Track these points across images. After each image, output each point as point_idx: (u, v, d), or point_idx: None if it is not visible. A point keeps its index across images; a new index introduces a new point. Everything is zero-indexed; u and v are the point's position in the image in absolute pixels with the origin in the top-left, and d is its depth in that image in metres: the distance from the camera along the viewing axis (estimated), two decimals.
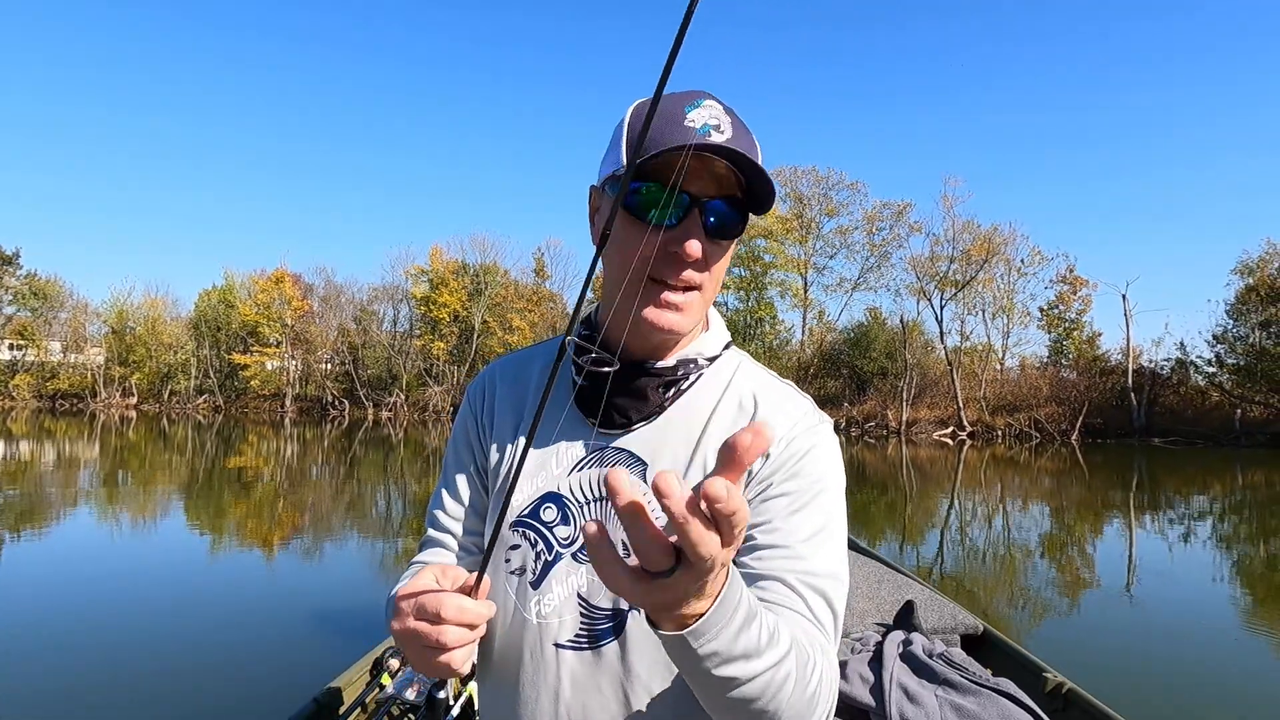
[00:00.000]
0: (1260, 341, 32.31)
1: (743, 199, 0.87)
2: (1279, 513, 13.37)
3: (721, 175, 0.84)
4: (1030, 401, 34.25)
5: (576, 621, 0.91)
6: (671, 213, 0.83)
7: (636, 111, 0.89)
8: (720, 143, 0.81)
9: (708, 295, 0.91)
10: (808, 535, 0.86)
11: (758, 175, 0.83)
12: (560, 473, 0.96)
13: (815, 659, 0.76)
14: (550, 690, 0.91)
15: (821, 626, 0.82)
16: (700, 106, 0.85)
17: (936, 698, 2.50)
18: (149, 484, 13.98)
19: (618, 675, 0.89)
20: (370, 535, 9.83)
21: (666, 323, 0.87)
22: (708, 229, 0.85)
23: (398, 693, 2.69)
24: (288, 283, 47.15)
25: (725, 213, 0.86)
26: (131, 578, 7.07)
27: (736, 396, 0.97)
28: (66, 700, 4.32)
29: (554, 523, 0.94)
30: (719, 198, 0.85)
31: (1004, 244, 37.49)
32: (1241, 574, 8.62)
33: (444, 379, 44.33)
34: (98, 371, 48.08)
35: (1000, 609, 6.76)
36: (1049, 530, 11.40)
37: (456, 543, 1.03)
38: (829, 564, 0.86)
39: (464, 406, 1.09)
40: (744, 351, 1.05)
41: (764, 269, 42.25)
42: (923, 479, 18.33)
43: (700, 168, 0.82)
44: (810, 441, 0.92)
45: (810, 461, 0.90)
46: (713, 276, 0.90)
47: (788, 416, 0.94)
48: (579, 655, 0.91)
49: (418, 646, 0.76)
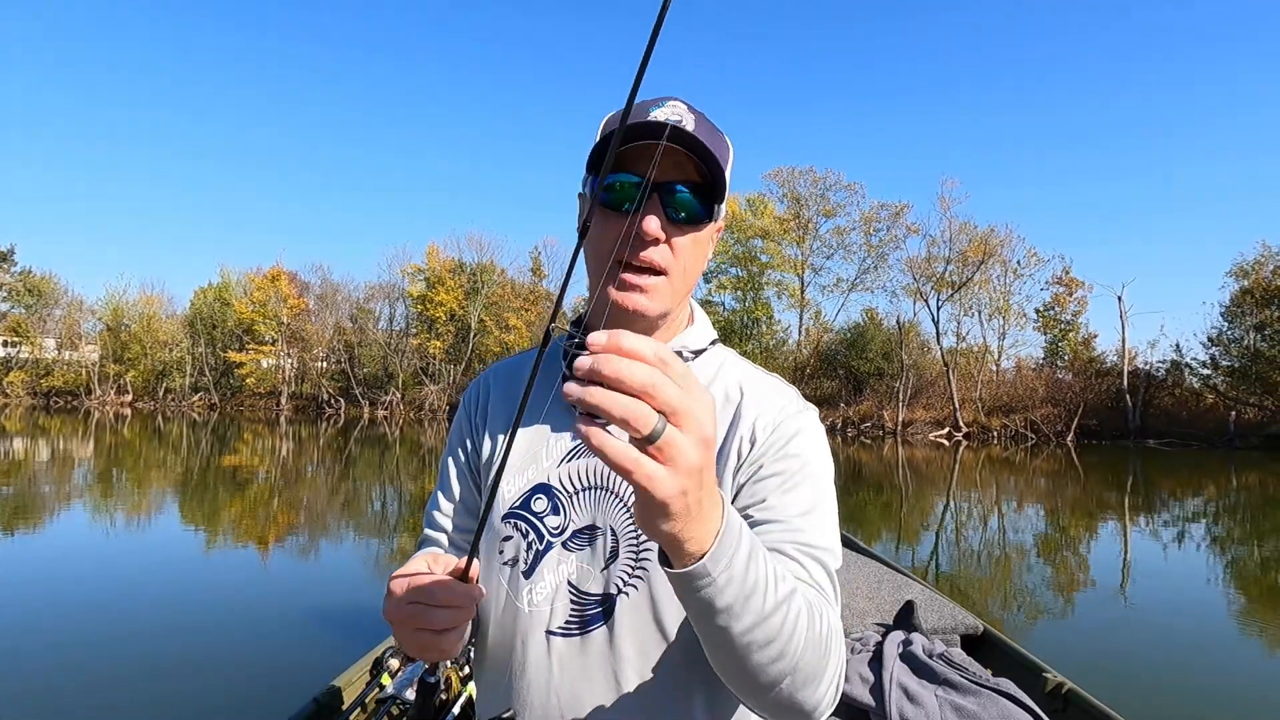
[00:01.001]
0: (1254, 344, 32.44)
1: (704, 185, 0.90)
2: (1272, 514, 13.43)
3: (682, 163, 0.88)
4: (1026, 403, 34.34)
5: (567, 609, 0.93)
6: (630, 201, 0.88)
7: (607, 120, 0.95)
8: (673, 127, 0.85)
9: (676, 282, 0.92)
10: (802, 511, 0.88)
11: (705, 155, 0.86)
12: (550, 465, 0.98)
13: (824, 611, 0.77)
14: (542, 677, 0.92)
15: (823, 591, 0.83)
16: (664, 105, 0.90)
17: (936, 698, 2.51)
18: (146, 482, 13.94)
19: (607, 659, 0.91)
20: (370, 534, 9.82)
21: (631, 303, 0.90)
22: (668, 212, 0.88)
23: (398, 693, 2.70)
24: (284, 281, 47.08)
25: (686, 196, 0.89)
26: (130, 577, 7.05)
27: (723, 388, 0.99)
28: (66, 700, 4.30)
29: (544, 513, 0.96)
30: (679, 182, 0.88)
31: (1000, 245, 37.57)
32: (1235, 575, 8.65)
33: (440, 378, 44.29)
34: (92, 369, 47.95)
35: (995, 610, 6.77)
36: (1044, 531, 11.43)
37: (452, 541, 1.05)
38: (824, 538, 0.87)
39: (459, 410, 1.12)
40: (731, 349, 1.07)
41: (761, 269, 42.28)
42: (919, 480, 18.35)
43: (663, 158, 0.86)
44: (796, 425, 0.94)
45: (797, 445, 0.93)
46: (680, 262, 0.91)
47: (774, 404, 0.97)
48: (569, 641, 0.92)
49: (409, 629, 0.78)
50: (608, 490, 0.95)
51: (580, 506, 0.95)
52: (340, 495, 13.44)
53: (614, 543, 0.93)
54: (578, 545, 0.94)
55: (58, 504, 11.05)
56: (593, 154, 0.91)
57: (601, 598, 0.92)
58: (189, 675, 4.68)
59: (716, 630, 0.68)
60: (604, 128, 0.94)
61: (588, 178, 0.94)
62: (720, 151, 0.89)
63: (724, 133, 0.94)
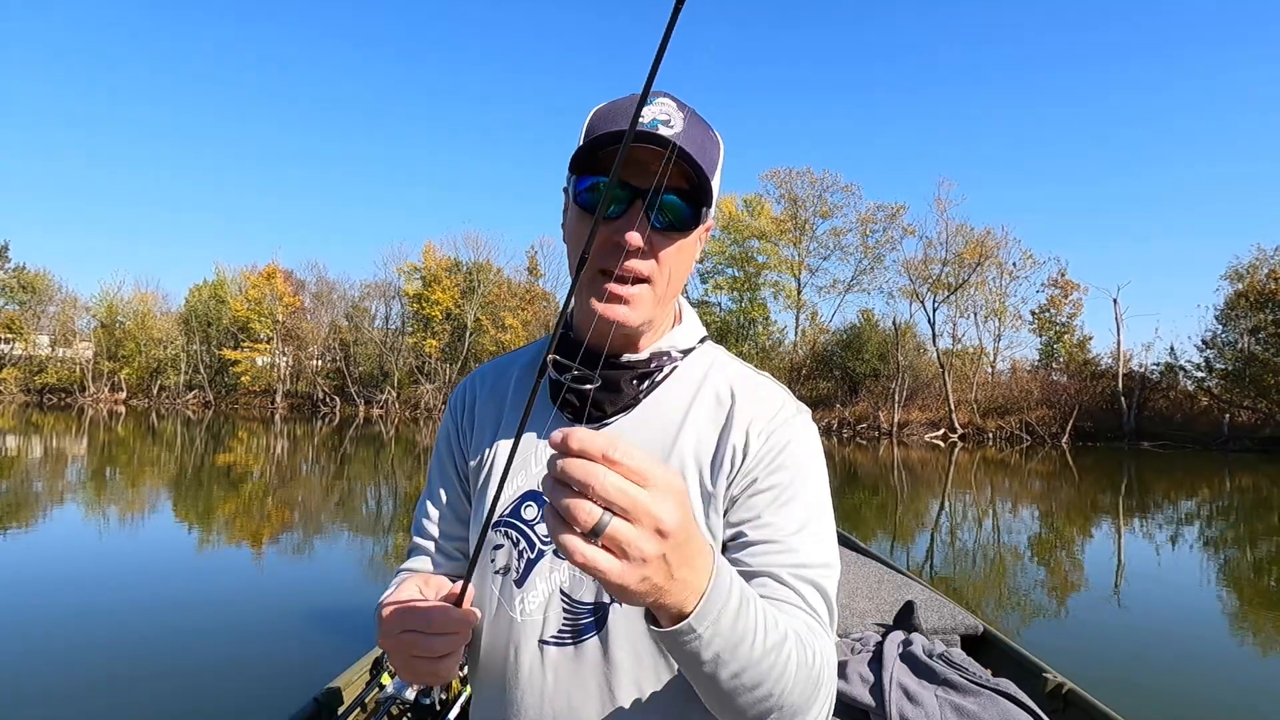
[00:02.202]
0: (1249, 347, 32.51)
1: (691, 191, 0.87)
2: (1266, 517, 13.49)
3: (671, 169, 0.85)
4: (1021, 404, 34.42)
5: (560, 617, 0.92)
6: (614, 206, 0.85)
7: (593, 116, 0.91)
8: (666, 135, 0.82)
9: (661, 289, 0.90)
10: (797, 528, 0.87)
11: (691, 163, 0.83)
12: (539, 471, 0.96)
13: (815, 645, 0.77)
14: (535, 687, 0.92)
15: (818, 616, 0.83)
16: (653, 104, 0.86)
17: (936, 698, 2.51)
18: (143, 481, 13.88)
19: (601, 669, 0.90)
20: (369, 534, 9.81)
21: (613, 315, 0.88)
22: (653, 219, 0.86)
23: (397, 693, 2.69)
24: (279, 278, 46.97)
25: (670, 203, 0.86)
26: (128, 577, 7.01)
27: (713, 388, 0.98)
28: (66, 700, 4.29)
29: (535, 521, 0.95)
30: (668, 190, 0.86)
31: (996, 247, 37.66)
32: (1231, 577, 8.68)
33: (436, 377, 44.21)
34: (86, 366, 47.72)
35: (989, 610, 6.79)
36: (1039, 532, 11.45)
37: (440, 549, 1.05)
38: (820, 554, 0.87)
39: (446, 415, 1.12)
40: (721, 347, 1.06)
41: (757, 270, 42.31)
42: (914, 481, 18.38)
43: (646, 160, 0.83)
44: (788, 434, 0.93)
45: (791, 453, 0.92)
46: (664, 268, 0.89)
47: (767, 409, 0.95)
48: (562, 651, 0.92)
49: (405, 657, 0.78)
50: None
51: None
52: (339, 495, 13.41)
53: None
54: None
55: (52, 502, 11.01)
56: (576, 153, 0.89)
57: (594, 606, 0.91)
58: (189, 675, 4.66)
59: (703, 677, 0.68)
60: (589, 121, 0.91)
61: (571, 177, 0.92)
62: (709, 154, 0.87)
63: (714, 128, 0.92)
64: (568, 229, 0.96)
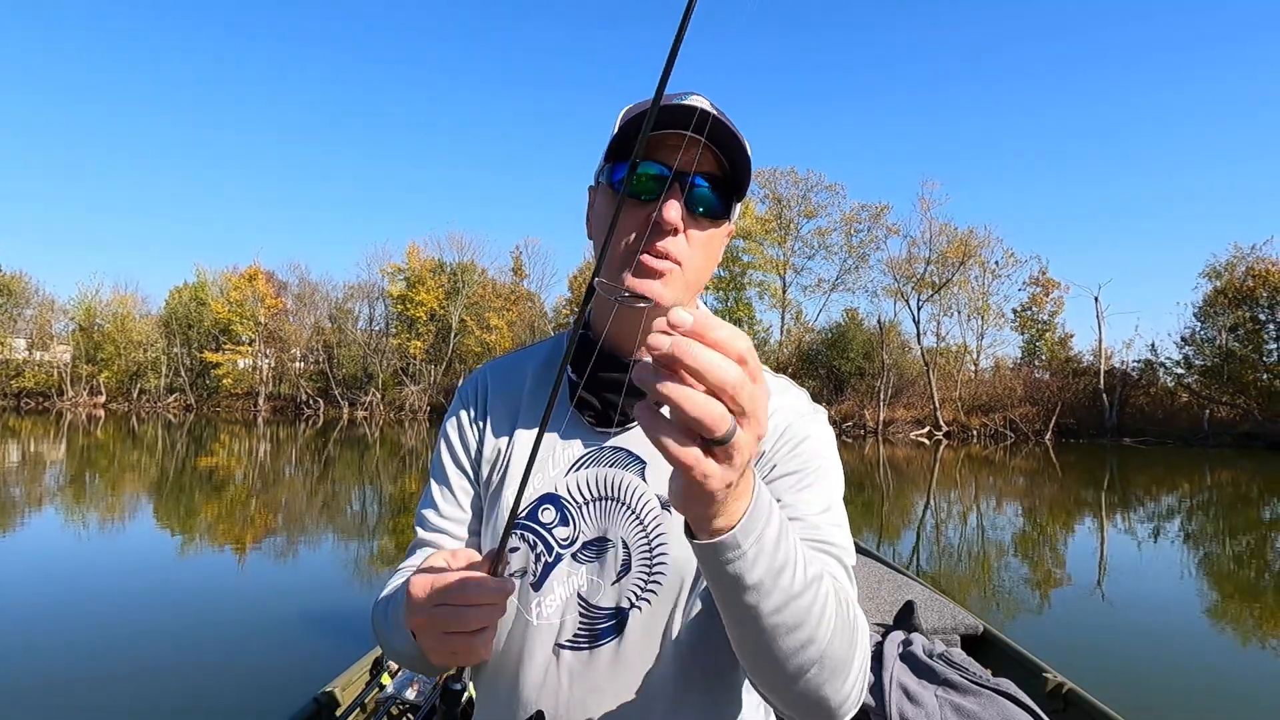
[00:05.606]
0: (1227, 344, 33.07)
1: (721, 180, 0.88)
2: (1244, 511, 13.70)
3: (703, 156, 0.86)
4: (1005, 402, 34.79)
5: (576, 622, 0.91)
6: (647, 193, 0.86)
7: (624, 112, 0.91)
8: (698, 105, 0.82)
9: (690, 275, 0.89)
10: (821, 509, 0.87)
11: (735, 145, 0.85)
12: (557, 474, 0.96)
13: (851, 598, 0.76)
14: (550, 691, 0.91)
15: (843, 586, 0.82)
16: (687, 99, 0.88)
17: (936, 698, 2.51)
18: (126, 485, 13.69)
19: (617, 674, 0.90)
20: (368, 535, 9.77)
21: (645, 289, 0.86)
22: (686, 202, 0.86)
23: (397, 693, 2.69)
24: (261, 280, 46.49)
25: (705, 191, 0.87)
26: (127, 578, 6.96)
27: None
28: (66, 700, 4.26)
29: (552, 524, 0.94)
30: (699, 174, 0.86)
31: (979, 246, 38.05)
32: (1211, 572, 8.79)
33: (420, 378, 43.99)
34: (64, 369, 47.02)
35: (974, 604, 6.83)
36: (1024, 529, 11.55)
37: (451, 542, 1.02)
38: (842, 538, 0.86)
39: (455, 406, 1.08)
40: None
41: (742, 269, 42.45)
42: (900, 478, 18.49)
43: (679, 145, 0.84)
44: (807, 429, 0.94)
45: (809, 446, 0.92)
46: (694, 255, 0.89)
47: (785, 405, 0.96)
48: (578, 655, 0.91)
49: (439, 635, 0.73)
50: (618, 501, 0.93)
51: (590, 517, 0.94)
52: (335, 497, 13.31)
53: (626, 556, 0.91)
54: (587, 557, 0.92)
55: (31, 507, 10.83)
56: (612, 143, 0.88)
57: (613, 611, 0.90)
58: (189, 675, 4.64)
59: (744, 609, 0.64)
60: (623, 116, 0.91)
61: (604, 166, 0.92)
62: (742, 144, 0.87)
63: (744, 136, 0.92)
64: (596, 218, 0.96)
